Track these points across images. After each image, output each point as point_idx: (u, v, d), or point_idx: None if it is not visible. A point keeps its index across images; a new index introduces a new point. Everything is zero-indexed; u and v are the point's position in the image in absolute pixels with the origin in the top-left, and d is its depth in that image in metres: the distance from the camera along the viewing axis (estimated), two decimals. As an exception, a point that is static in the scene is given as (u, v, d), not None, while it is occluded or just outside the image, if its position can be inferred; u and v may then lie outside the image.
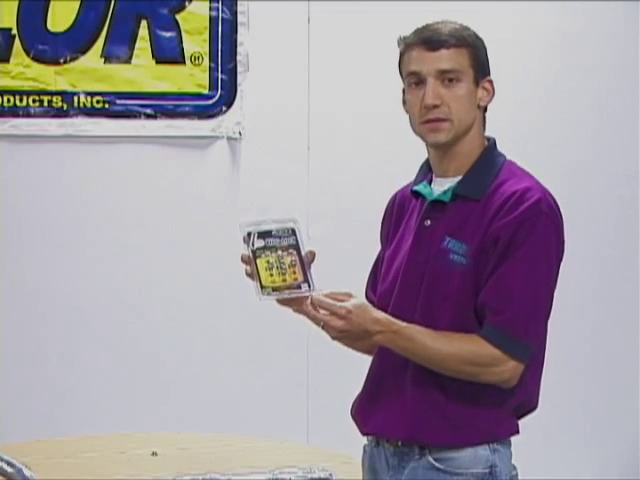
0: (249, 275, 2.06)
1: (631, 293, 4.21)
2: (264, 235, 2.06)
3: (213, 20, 3.98)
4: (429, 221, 2.17)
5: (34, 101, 3.95)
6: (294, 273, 2.05)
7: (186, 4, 3.97)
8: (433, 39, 2.12)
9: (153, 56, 3.97)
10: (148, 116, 3.98)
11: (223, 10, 3.97)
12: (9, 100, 3.94)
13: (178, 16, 3.96)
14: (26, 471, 1.75)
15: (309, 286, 2.04)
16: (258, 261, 2.04)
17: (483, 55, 2.17)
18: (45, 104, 3.95)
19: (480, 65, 2.16)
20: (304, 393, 4.02)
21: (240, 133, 4.00)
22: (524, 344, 2.07)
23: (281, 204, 3.88)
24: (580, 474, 4.07)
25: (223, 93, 3.99)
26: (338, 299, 2.05)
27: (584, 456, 4.17)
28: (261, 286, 2.04)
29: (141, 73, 3.97)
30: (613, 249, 4.21)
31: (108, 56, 3.95)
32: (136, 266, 4.01)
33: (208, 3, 3.97)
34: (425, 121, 2.13)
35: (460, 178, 2.16)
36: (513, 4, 4.06)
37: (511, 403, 2.13)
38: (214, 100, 3.99)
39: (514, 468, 2.18)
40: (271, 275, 2.04)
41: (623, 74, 4.17)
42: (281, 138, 4.03)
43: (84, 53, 3.94)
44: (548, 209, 2.08)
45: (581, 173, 4.16)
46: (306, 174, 4.03)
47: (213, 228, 3.97)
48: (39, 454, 2.64)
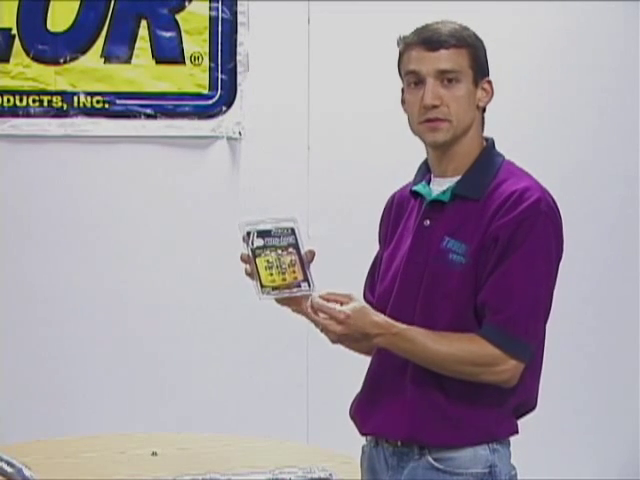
0: (249, 274, 2.06)
1: (631, 293, 4.21)
2: (263, 234, 2.05)
3: (213, 20, 3.98)
4: (428, 221, 2.17)
5: (34, 101, 3.95)
6: (294, 272, 2.04)
7: (186, 4, 3.97)
8: (433, 39, 2.12)
9: (153, 56, 3.97)
10: (148, 116, 3.98)
11: (223, 10, 3.97)
12: (9, 100, 3.94)
13: (178, 16, 3.97)
14: (26, 471, 1.75)
15: (309, 285, 2.04)
16: (258, 260, 2.04)
17: (482, 56, 2.17)
18: (45, 104, 3.95)
19: (479, 66, 2.16)
20: (304, 393, 4.02)
21: (240, 133, 4.00)
22: (524, 343, 2.07)
23: (281, 204, 3.88)
24: (580, 474, 4.07)
25: (223, 93, 3.99)
26: (338, 301, 2.05)
27: (584, 456, 4.17)
28: (261, 285, 2.04)
29: (141, 73, 3.97)
30: (613, 249, 4.21)
31: (108, 56, 3.95)
32: (136, 266, 4.01)
33: (208, 3, 3.97)
34: (424, 121, 2.13)
35: (459, 178, 2.16)
36: (513, 4, 4.06)
37: (511, 403, 2.13)
38: (214, 100, 3.99)
39: (513, 468, 2.17)
40: (271, 274, 2.04)
41: (623, 74, 4.17)
42: (281, 138, 4.03)
43: (84, 53, 3.94)
44: (547, 209, 2.08)
45: (581, 173, 4.16)
46: (306, 174, 4.03)
47: (213, 228, 3.97)
48: (39, 454, 2.64)
